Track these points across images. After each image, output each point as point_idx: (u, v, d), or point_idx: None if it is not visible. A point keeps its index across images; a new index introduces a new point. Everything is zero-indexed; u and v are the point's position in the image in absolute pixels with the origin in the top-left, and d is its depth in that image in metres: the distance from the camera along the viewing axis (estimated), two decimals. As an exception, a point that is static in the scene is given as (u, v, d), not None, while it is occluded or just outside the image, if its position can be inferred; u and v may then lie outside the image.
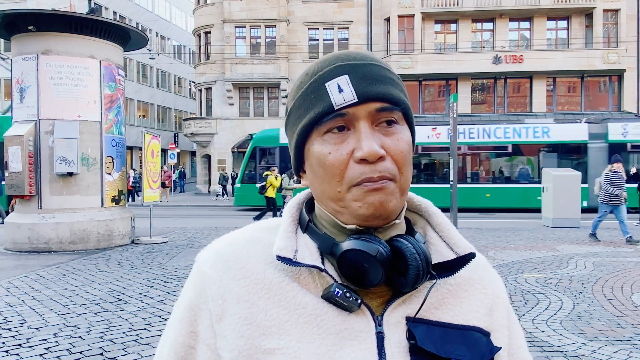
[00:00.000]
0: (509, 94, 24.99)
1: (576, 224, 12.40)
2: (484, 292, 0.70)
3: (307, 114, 0.63)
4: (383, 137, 0.62)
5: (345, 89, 0.61)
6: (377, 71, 0.63)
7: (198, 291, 0.66)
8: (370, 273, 0.61)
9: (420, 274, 0.61)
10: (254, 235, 0.70)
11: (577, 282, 6.17)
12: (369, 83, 0.62)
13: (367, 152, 0.59)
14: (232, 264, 0.66)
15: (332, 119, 0.61)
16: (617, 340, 4.08)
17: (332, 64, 0.63)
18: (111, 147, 9.47)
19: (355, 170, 0.61)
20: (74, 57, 8.93)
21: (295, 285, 0.64)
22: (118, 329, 4.37)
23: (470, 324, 0.66)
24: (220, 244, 0.69)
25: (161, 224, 12.53)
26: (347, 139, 0.62)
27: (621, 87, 24.09)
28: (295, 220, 0.69)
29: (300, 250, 0.65)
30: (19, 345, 3.98)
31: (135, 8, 37.10)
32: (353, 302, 0.61)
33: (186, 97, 43.99)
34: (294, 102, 0.66)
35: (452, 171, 12.65)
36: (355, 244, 0.61)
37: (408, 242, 0.62)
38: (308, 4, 25.51)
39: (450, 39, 25.34)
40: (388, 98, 0.62)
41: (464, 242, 0.68)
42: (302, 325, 0.61)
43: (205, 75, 26.74)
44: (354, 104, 0.61)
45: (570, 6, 23.74)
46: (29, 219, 8.80)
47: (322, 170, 0.63)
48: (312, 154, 0.64)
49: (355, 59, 0.64)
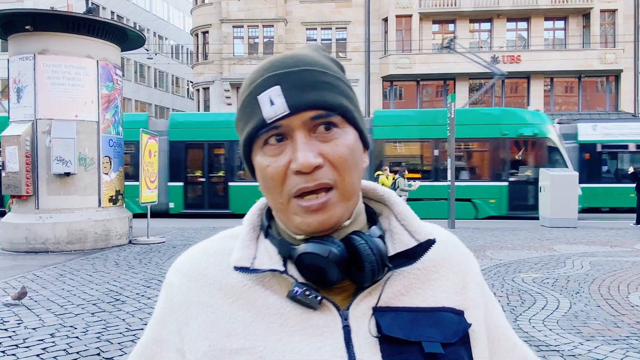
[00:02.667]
0: (506, 94, 25.04)
1: (573, 224, 12.44)
2: (454, 270, 0.71)
3: (245, 128, 0.64)
4: (321, 144, 0.62)
5: (276, 101, 0.61)
6: (310, 77, 0.62)
7: (166, 301, 0.71)
8: (327, 273, 0.62)
9: (375, 269, 0.62)
10: (220, 243, 0.72)
11: (574, 281, 6.19)
12: (301, 92, 0.61)
13: (300, 164, 0.60)
14: (195, 272, 0.68)
15: (267, 132, 0.62)
16: (613, 340, 4.09)
17: (263, 74, 0.63)
18: (108, 147, 9.46)
19: (292, 182, 0.61)
20: (71, 57, 8.91)
21: (259, 287, 0.65)
22: (115, 329, 4.37)
23: (440, 305, 0.67)
24: (187, 255, 0.72)
25: (159, 224, 12.52)
26: (285, 150, 0.62)
27: (618, 87, 24.15)
28: (256, 226, 0.71)
29: (259, 256, 0.66)
30: (16, 345, 3.97)
31: (132, 8, 37.05)
32: (313, 299, 0.62)
33: (184, 97, 43.94)
34: (236, 114, 0.67)
35: (450, 170, 12.68)
36: (308, 247, 0.62)
37: (362, 238, 0.63)
38: (306, 4, 25.51)
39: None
40: (321, 105, 0.61)
41: (424, 229, 0.69)
42: (267, 325, 0.63)
43: (203, 75, 26.72)
44: (286, 115, 0.60)
45: (568, 6, 23.80)
46: (26, 219, 8.78)
47: (264, 182, 0.64)
48: (256, 165, 0.65)
49: (287, 66, 0.62)
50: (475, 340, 0.68)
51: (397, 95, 25.55)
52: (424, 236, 0.68)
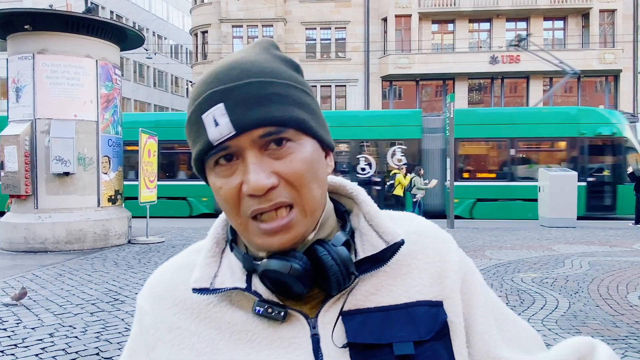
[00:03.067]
0: (505, 93, 25.05)
1: (572, 224, 12.45)
2: (428, 261, 0.67)
3: (194, 148, 0.61)
4: (274, 162, 0.58)
5: (220, 121, 0.56)
6: (256, 90, 0.57)
7: (137, 323, 0.70)
8: (293, 288, 0.60)
9: (340, 279, 0.60)
10: (186, 259, 0.70)
11: (572, 281, 6.19)
12: (246, 109, 0.56)
13: (252, 187, 0.56)
14: (162, 293, 0.67)
15: (215, 153, 0.58)
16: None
17: (207, 89, 0.59)
18: (107, 147, 9.45)
19: (246, 204, 0.58)
20: (71, 57, 8.90)
21: (225, 304, 0.64)
22: (114, 329, 4.37)
23: (414, 299, 0.64)
24: (155, 274, 0.72)
25: (158, 224, 12.51)
26: (236, 170, 0.59)
27: (617, 87, 24.18)
28: (222, 240, 0.68)
29: (220, 274, 0.64)
30: (15, 345, 3.97)
31: (132, 7, 37.03)
32: (276, 315, 0.61)
33: (183, 97, 43.90)
34: (185, 129, 0.63)
35: (449, 170, 12.69)
36: (269, 264, 0.60)
37: (324, 249, 0.61)
38: (305, 3, 25.51)
39: (448, 39, 25.38)
40: (270, 121, 0.57)
41: (392, 229, 0.65)
42: (235, 342, 0.62)
43: (202, 75, 26.70)
44: (233, 136, 0.56)
45: (567, 6, 23.81)
46: (25, 219, 8.77)
47: (220, 202, 0.61)
48: (210, 184, 0.62)
49: (231, 79, 0.58)
50: (456, 332, 0.65)
51: (396, 95, 25.55)
52: (391, 237, 0.64)
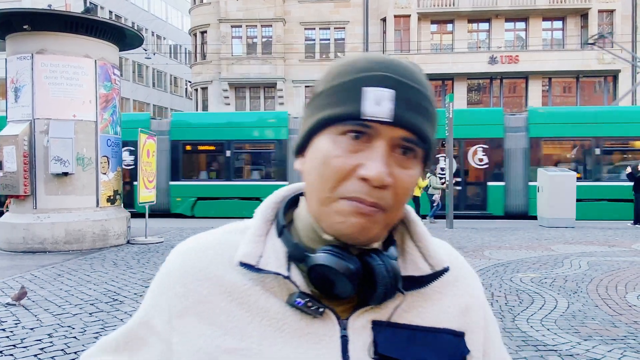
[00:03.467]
0: (504, 94, 25.06)
1: (571, 224, 12.46)
2: (458, 293, 0.70)
3: (332, 108, 0.60)
4: (395, 166, 0.59)
5: (383, 104, 0.57)
6: (419, 98, 0.59)
7: (162, 286, 0.68)
8: (338, 287, 0.60)
9: (387, 293, 0.61)
10: (222, 237, 0.69)
11: (571, 281, 6.19)
12: (408, 108, 0.58)
13: (374, 176, 0.56)
14: (198, 264, 0.66)
15: (355, 125, 0.58)
16: (611, 340, 4.10)
17: (382, 70, 0.59)
18: (106, 147, 9.45)
19: (353, 186, 0.58)
20: (69, 57, 8.89)
21: (259, 288, 0.63)
22: (113, 329, 4.34)
23: (441, 325, 0.66)
24: (191, 244, 0.70)
25: (157, 224, 12.50)
26: (360, 152, 0.58)
27: (616, 87, 24.19)
28: (269, 221, 0.67)
29: (265, 255, 0.63)
30: (14, 345, 3.96)
31: (131, 7, 37.01)
32: (314, 311, 0.61)
33: (182, 97, 43.88)
34: (325, 88, 0.62)
35: (448, 171, 12.70)
36: (325, 259, 0.59)
37: (380, 259, 0.61)
38: (304, 3, 25.50)
39: (447, 39, 25.39)
40: (418, 132, 0.59)
41: (439, 255, 0.67)
42: (265, 328, 0.61)
43: (201, 75, 26.70)
44: (386, 122, 0.57)
45: (566, 7, 23.83)
46: (23, 219, 8.76)
47: (323, 168, 0.60)
48: (319, 147, 0.61)
49: (404, 75, 0.59)
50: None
51: (395, 95, 25.54)
52: (438, 263, 0.66)
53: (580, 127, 14.99)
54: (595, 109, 17.26)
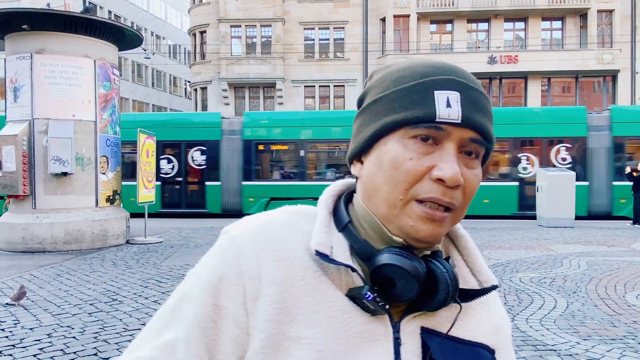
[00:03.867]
0: (504, 94, 25.07)
1: (570, 224, 12.47)
2: (490, 311, 0.72)
3: (403, 111, 0.61)
4: (463, 166, 0.61)
5: (453, 105, 0.60)
6: (483, 100, 0.63)
7: (231, 265, 0.63)
8: (402, 289, 0.61)
9: (447, 299, 0.62)
10: (291, 219, 0.68)
11: (571, 281, 6.20)
12: (475, 110, 0.61)
13: (449, 175, 0.59)
14: (271, 244, 0.63)
15: (428, 128, 0.60)
16: (610, 339, 4.10)
17: (446, 74, 0.62)
18: (106, 147, 9.44)
19: (427, 187, 0.60)
20: (69, 57, 8.89)
21: (326, 278, 0.63)
22: (112, 329, 4.36)
23: (477, 340, 0.68)
24: (256, 222, 0.67)
25: (156, 224, 12.49)
26: (432, 154, 0.60)
27: (615, 87, 24.21)
28: (331, 213, 0.68)
29: (335, 247, 0.64)
30: (13, 345, 3.96)
31: (130, 7, 36.98)
32: (381, 307, 0.61)
33: (181, 97, 43.85)
34: (387, 92, 0.64)
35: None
36: (397, 260, 0.60)
37: (443, 267, 0.62)
38: (304, 3, 25.49)
39: (446, 39, 25.39)
40: (484, 132, 0.62)
41: (488, 272, 0.70)
42: (330, 319, 0.61)
43: (200, 75, 26.68)
44: (456, 123, 0.60)
45: (565, 7, 23.84)
46: (23, 219, 8.76)
47: (393, 172, 0.61)
48: (388, 151, 0.62)
49: (466, 78, 0.63)
50: None
51: (394, 95, 25.55)
52: (487, 279, 0.69)
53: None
54: None
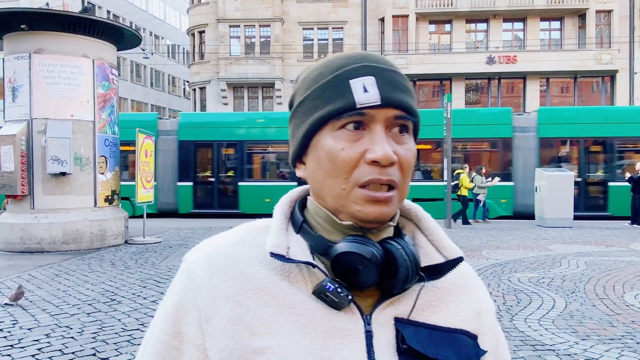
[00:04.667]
0: (502, 94, 25.09)
1: (569, 224, 12.48)
2: (471, 296, 0.72)
3: (325, 106, 0.63)
4: (394, 144, 0.63)
5: (370, 90, 0.62)
6: (399, 79, 0.64)
7: (186, 291, 0.65)
8: (363, 275, 0.61)
9: (409, 276, 0.62)
10: (244, 236, 0.69)
11: (569, 281, 6.21)
12: (393, 89, 0.63)
13: (381, 155, 0.60)
14: (222, 264, 0.65)
15: (351, 116, 0.62)
16: (608, 339, 4.11)
17: (358, 62, 0.64)
18: (104, 147, 9.43)
19: (365, 171, 0.61)
20: (67, 56, 8.88)
21: (285, 284, 0.63)
22: (111, 329, 4.36)
23: (457, 326, 0.67)
24: (210, 246, 0.69)
25: (155, 224, 12.49)
26: (361, 139, 0.62)
27: (614, 87, 24.24)
28: (287, 217, 0.69)
29: (292, 247, 0.65)
30: (11, 346, 3.96)
31: (129, 7, 36.94)
32: (344, 297, 0.61)
33: (180, 97, 43.83)
34: (309, 92, 0.66)
35: (446, 171, 12.71)
36: (350, 247, 0.61)
37: (398, 244, 0.63)
38: (303, 3, 25.49)
39: (445, 39, 25.40)
40: (407, 107, 0.63)
41: (453, 246, 0.69)
42: (291, 324, 0.61)
43: (199, 75, 26.67)
44: (376, 105, 0.61)
45: (564, 7, 23.87)
46: (21, 219, 8.74)
47: (330, 165, 0.63)
48: (322, 147, 0.64)
49: (380, 62, 0.64)
50: None
51: (393, 95, 25.56)
52: (452, 253, 0.68)
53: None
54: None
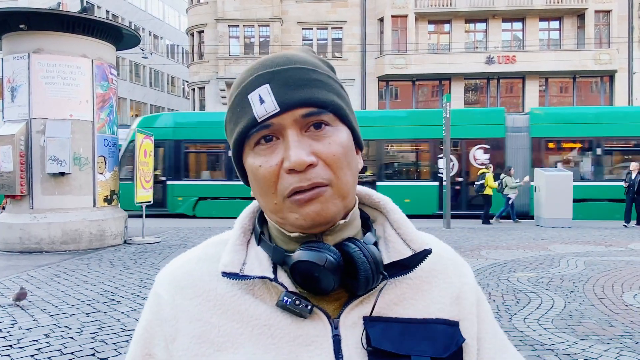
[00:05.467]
0: (501, 94, 25.11)
1: (568, 224, 12.49)
2: (449, 281, 0.69)
3: (235, 129, 0.63)
4: (313, 143, 0.60)
5: (266, 99, 0.60)
6: (300, 75, 0.61)
7: (153, 313, 0.67)
8: (322, 281, 0.60)
9: (369, 277, 0.61)
10: (206, 251, 0.69)
11: (568, 281, 6.21)
12: (290, 89, 0.60)
13: (293, 162, 0.58)
14: (184, 283, 0.66)
15: (258, 131, 0.60)
16: (607, 339, 4.11)
17: (253, 73, 0.62)
18: (103, 147, 9.42)
19: (286, 181, 0.59)
20: (66, 56, 8.87)
21: (249, 297, 0.63)
22: (110, 329, 4.35)
23: (433, 316, 0.66)
24: (175, 264, 0.70)
25: (154, 224, 12.48)
26: (277, 150, 0.61)
27: (613, 87, 24.27)
28: (247, 231, 0.69)
29: (248, 262, 0.64)
30: (10, 346, 3.95)
31: (128, 7, 36.92)
32: (303, 308, 0.61)
33: (179, 97, 43.81)
34: (226, 116, 0.66)
35: (445, 170, 12.71)
36: (303, 255, 0.60)
37: (356, 245, 0.62)
38: (302, 3, 25.49)
39: (444, 39, 25.42)
40: (312, 102, 0.60)
41: (420, 238, 0.67)
42: (257, 336, 0.61)
43: (198, 75, 26.67)
44: (276, 113, 0.59)
45: (563, 7, 23.89)
46: (20, 219, 8.74)
47: (256, 183, 0.62)
48: (248, 167, 0.64)
49: (277, 64, 0.62)
50: (469, 354, 0.67)
51: (392, 95, 25.58)
52: (419, 246, 0.66)
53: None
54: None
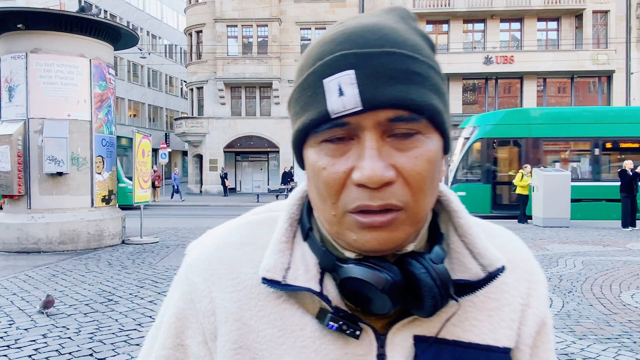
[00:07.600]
0: (499, 94, 25.16)
1: (566, 224, 12.51)
2: (520, 301, 0.59)
3: (301, 116, 0.51)
4: (395, 153, 0.48)
5: (347, 91, 0.47)
6: (395, 63, 0.47)
7: (187, 301, 0.58)
8: (375, 304, 0.51)
9: (437, 304, 0.51)
10: (250, 234, 0.59)
11: (566, 280, 6.22)
12: (380, 82, 0.47)
13: (367, 177, 0.47)
14: (224, 272, 0.56)
15: (329, 129, 0.49)
16: (605, 339, 4.12)
17: (335, 49, 0.49)
18: (101, 147, 9.41)
19: (352, 195, 0.49)
20: (64, 56, 8.85)
21: (293, 301, 0.55)
22: (108, 329, 4.34)
23: (500, 344, 0.56)
24: (211, 244, 0.60)
25: (152, 224, 12.46)
26: (348, 152, 0.49)
27: (610, 87, 24.33)
28: (295, 220, 0.58)
29: (293, 267, 0.54)
30: (8, 346, 3.94)
31: (126, 7, 36.87)
32: (351, 334, 0.53)
33: (178, 97, 43.79)
34: (292, 93, 0.54)
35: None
36: (358, 272, 0.51)
37: (422, 265, 0.51)
38: (300, 3, 25.50)
39: (442, 40, 25.45)
40: (405, 104, 0.47)
41: (491, 252, 0.56)
42: (299, 349, 0.53)
43: (197, 75, 26.65)
44: (357, 112, 0.47)
45: (561, 7, 23.94)
46: (18, 219, 8.71)
47: (316, 185, 0.52)
48: (308, 161, 0.52)
49: (367, 43, 0.48)
50: None
51: (391, 95, 25.62)
52: (490, 262, 0.55)
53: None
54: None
